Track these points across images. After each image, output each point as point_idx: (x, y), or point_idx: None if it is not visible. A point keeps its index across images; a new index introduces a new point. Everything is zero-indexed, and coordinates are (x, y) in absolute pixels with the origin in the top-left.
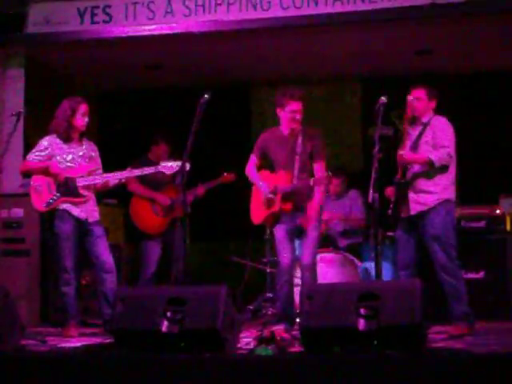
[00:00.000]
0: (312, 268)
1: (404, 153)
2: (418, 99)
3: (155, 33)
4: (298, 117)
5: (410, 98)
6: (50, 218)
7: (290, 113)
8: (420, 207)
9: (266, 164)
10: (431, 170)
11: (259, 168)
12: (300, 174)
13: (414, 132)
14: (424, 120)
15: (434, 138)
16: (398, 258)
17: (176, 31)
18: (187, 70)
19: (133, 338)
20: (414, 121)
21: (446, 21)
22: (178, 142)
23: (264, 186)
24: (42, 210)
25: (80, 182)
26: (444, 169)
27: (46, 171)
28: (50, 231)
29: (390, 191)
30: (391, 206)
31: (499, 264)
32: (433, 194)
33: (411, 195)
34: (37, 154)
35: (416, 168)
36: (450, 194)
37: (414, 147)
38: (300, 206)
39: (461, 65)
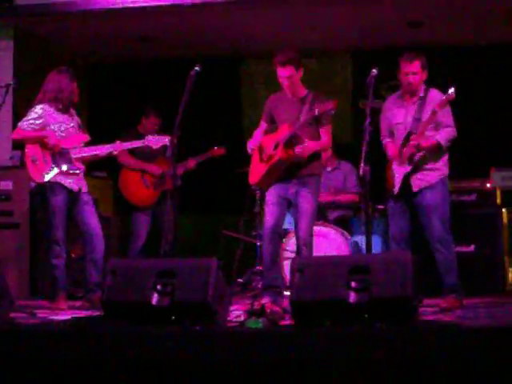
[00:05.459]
0: (309, 243)
1: (420, 142)
2: (415, 73)
3: (145, 4)
4: (285, 83)
5: (404, 70)
6: (41, 190)
7: (279, 78)
8: (423, 184)
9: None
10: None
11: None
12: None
13: (410, 107)
14: (420, 93)
15: (435, 116)
16: (390, 230)
17: (166, 3)
18: (177, 42)
19: (123, 310)
20: (410, 94)
21: None
22: (168, 115)
23: (250, 143)
24: (41, 180)
25: (74, 154)
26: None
27: (40, 141)
28: (42, 203)
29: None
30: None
31: (490, 238)
32: (436, 170)
33: (414, 173)
34: (31, 121)
35: (424, 151)
36: (448, 168)
37: (415, 126)
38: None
39: (453, 37)
